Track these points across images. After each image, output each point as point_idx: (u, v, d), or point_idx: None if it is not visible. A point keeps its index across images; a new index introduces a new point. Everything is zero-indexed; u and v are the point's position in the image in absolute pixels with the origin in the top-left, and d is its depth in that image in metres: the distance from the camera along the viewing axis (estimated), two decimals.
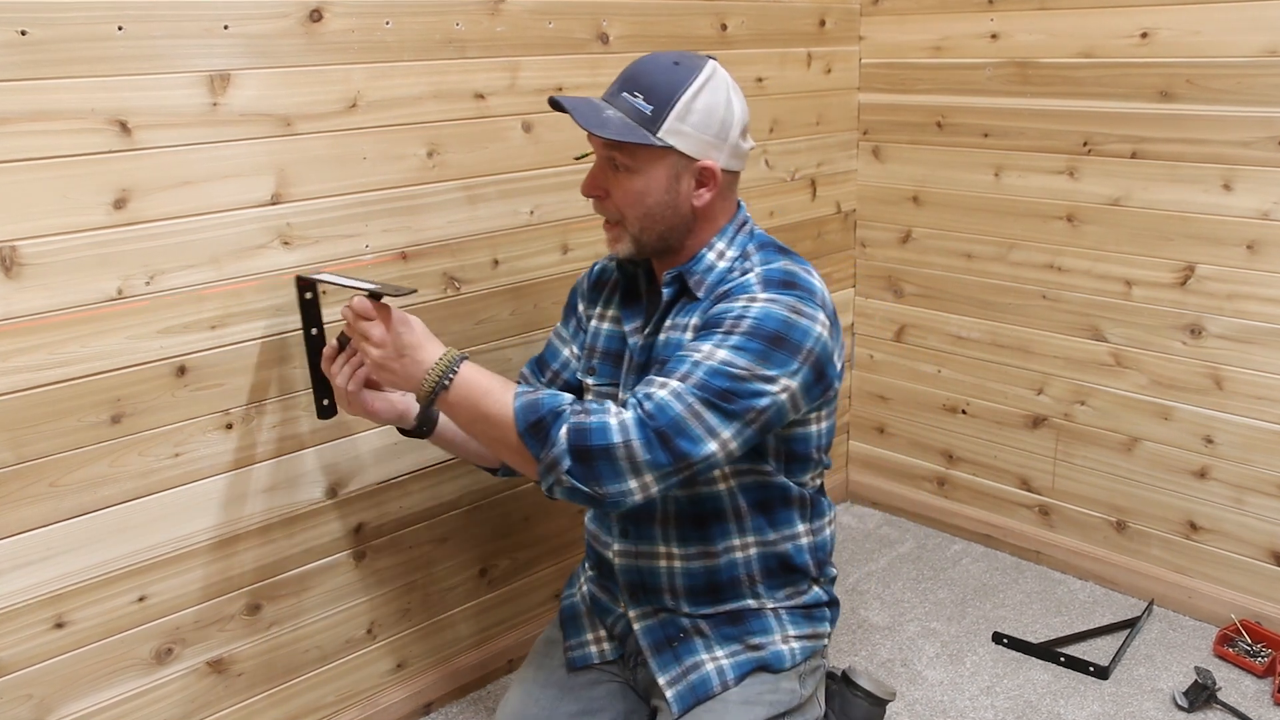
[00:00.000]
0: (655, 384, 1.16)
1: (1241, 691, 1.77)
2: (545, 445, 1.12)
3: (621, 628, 1.41)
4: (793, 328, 1.18)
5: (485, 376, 1.18)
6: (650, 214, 1.24)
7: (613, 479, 1.12)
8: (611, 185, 1.25)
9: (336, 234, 1.47)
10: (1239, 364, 1.86)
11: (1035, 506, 2.21)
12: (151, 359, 1.33)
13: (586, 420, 1.12)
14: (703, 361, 1.15)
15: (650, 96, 1.20)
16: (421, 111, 1.52)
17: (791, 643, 1.35)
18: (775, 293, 1.20)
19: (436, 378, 1.16)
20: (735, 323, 1.18)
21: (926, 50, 2.14)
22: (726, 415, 1.14)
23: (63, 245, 1.23)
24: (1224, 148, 1.79)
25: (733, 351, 1.15)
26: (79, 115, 1.21)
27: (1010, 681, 1.82)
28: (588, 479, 1.12)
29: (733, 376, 1.15)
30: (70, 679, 1.34)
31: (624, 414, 1.13)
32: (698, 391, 1.14)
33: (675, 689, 1.32)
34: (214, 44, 1.30)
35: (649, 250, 1.28)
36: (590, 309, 1.44)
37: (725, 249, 1.29)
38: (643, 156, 1.22)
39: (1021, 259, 2.10)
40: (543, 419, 1.13)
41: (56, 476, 1.28)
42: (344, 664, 1.64)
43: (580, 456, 1.11)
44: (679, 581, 1.34)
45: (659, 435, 1.12)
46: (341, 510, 1.58)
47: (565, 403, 1.15)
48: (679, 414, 1.13)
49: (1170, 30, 1.80)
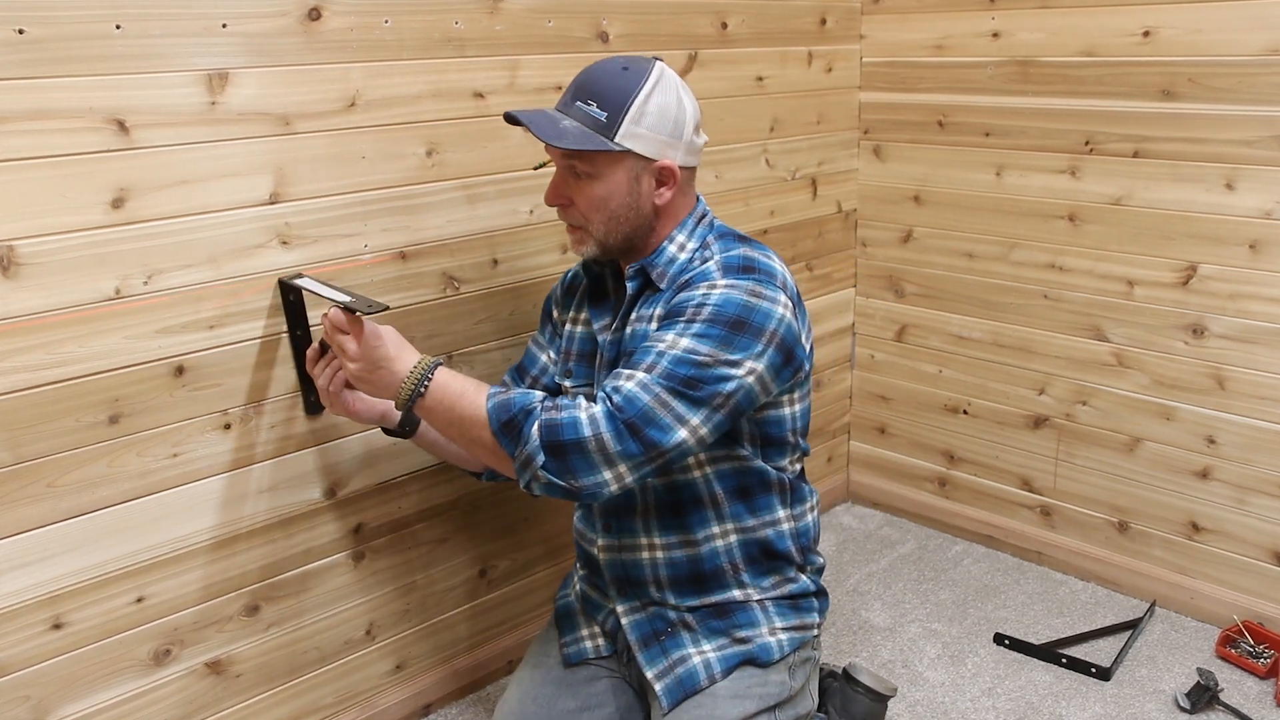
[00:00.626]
0: (623, 376, 1.19)
1: (1244, 693, 1.76)
2: (519, 442, 1.16)
3: (612, 624, 1.42)
4: (753, 311, 1.21)
5: (459, 381, 1.22)
6: (614, 216, 1.28)
7: (586, 471, 1.15)
8: (574, 193, 1.28)
9: (335, 233, 1.47)
10: (1241, 364, 1.86)
11: (1037, 507, 2.21)
12: (149, 359, 1.33)
13: (557, 416, 1.15)
14: (667, 351, 1.18)
15: (604, 103, 1.23)
16: (420, 110, 1.51)
17: (779, 634, 1.36)
18: (734, 278, 1.23)
19: (412, 386, 1.20)
20: (696, 310, 1.21)
21: (928, 49, 2.14)
22: (694, 402, 1.17)
23: (60, 245, 1.23)
24: (1226, 147, 1.78)
25: (695, 339, 1.19)
26: (77, 114, 1.21)
27: (1012, 683, 1.82)
28: (562, 473, 1.16)
29: (697, 364, 1.17)
30: (68, 680, 1.34)
31: (593, 408, 1.16)
32: (664, 381, 1.17)
33: (663, 683, 1.33)
34: (212, 43, 1.30)
35: (614, 251, 1.31)
36: (564, 314, 1.47)
37: (685, 241, 1.32)
38: (602, 162, 1.25)
39: (1023, 258, 2.10)
40: (515, 417, 1.17)
41: (54, 477, 1.28)
42: (343, 665, 1.64)
43: (553, 451, 1.15)
44: (662, 572, 1.36)
45: (629, 426, 1.15)
46: (340, 511, 1.58)
47: (536, 400, 1.18)
48: (647, 404, 1.16)
49: (1172, 29, 1.80)
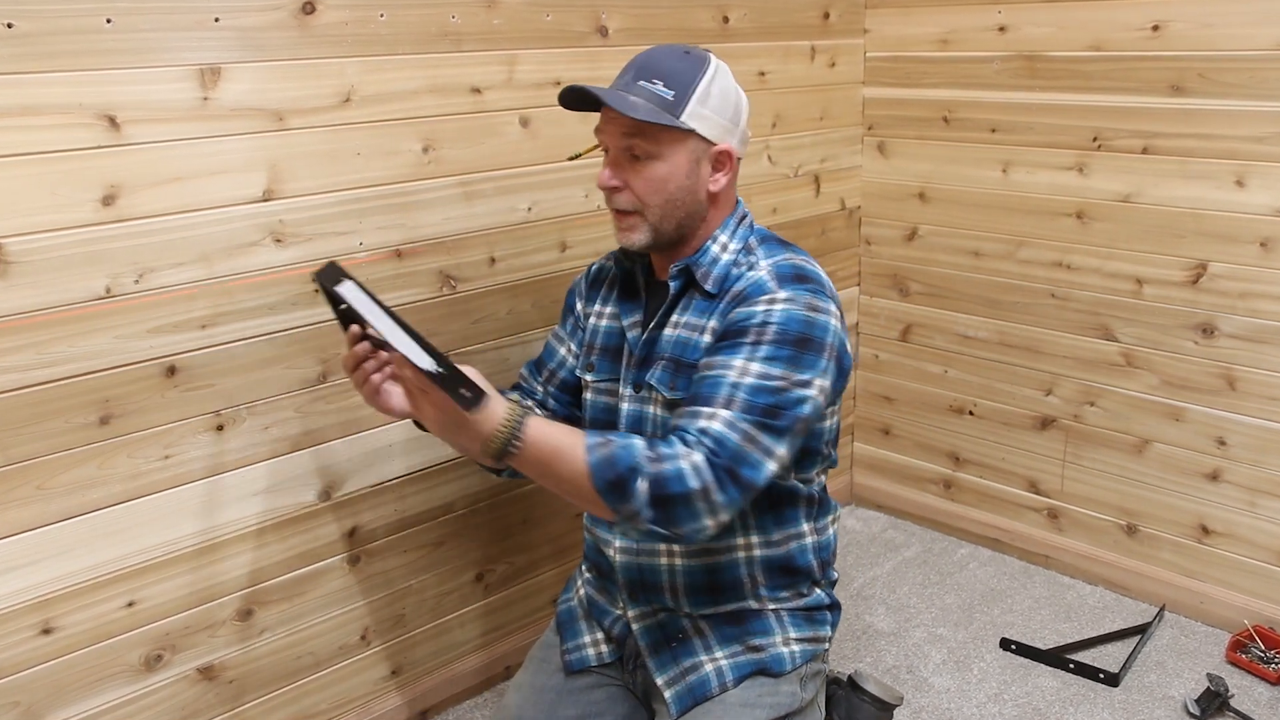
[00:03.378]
0: (703, 415, 1.16)
1: (1255, 699, 1.75)
2: (626, 500, 1.13)
3: (620, 629, 1.40)
4: (814, 326, 1.21)
5: (550, 433, 1.14)
6: (671, 200, 1.26)
7: (689, 520, 1.14)
8: (630, 175, 1.26)
9: (329, 231, 1.46)
10: (1252, 364, 1.85)
11: (1044, 509, 2.20)
12: (141, 359, 1.32)
13: (663, 469, 1.12)
14: (741, 381, 1.17)
15: (670, 82, 1.22)
16: (417, 106, 1.50)
17: (792, 645, 1.35)
18: (791, 289, 1.23)
19: (500, 444, 1.11)
20: (761, 330, 1.20)
21: (933, 43, 2.13)
22: (778, 433, 1.17)
23: (50, 242, 1.22)
24: (1237, 143, 1.77)
25: (765, 364, 1.18)
26: (67, 110, 1.20)
27: (1018, 688, 1.80)
28: (666, 523, 1.14)
29: (773, 390, 1.17)
30: (58, 686, 1.33)
31: (694, 455, 1.14)
32: (746, 416, 1.16)
33: (673, 690, 1.32)
34: (204, 37, 1.29)
35: (665, 240, 1.29)
36: (588, 307, 1.45)
37: (728, 241, 1.31)
38: (666, 140, 1.23)
39: (1030, 257, 2.08)
40: (621, 476, 1.12)
41: (44, 479, 1.27)
42: (338, 670, 1.63)
43: (660, 505, 1.13)
44: (680, 580, 1.34)
45: (728, 472, 1.14)
46: (336, 513, 1.56)
47: (639, 454, 1.13)
48: (737, 444, 1.15)
49: (1182, 23, 1.79)
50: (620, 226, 1.29)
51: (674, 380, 1.28)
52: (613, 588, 1.41)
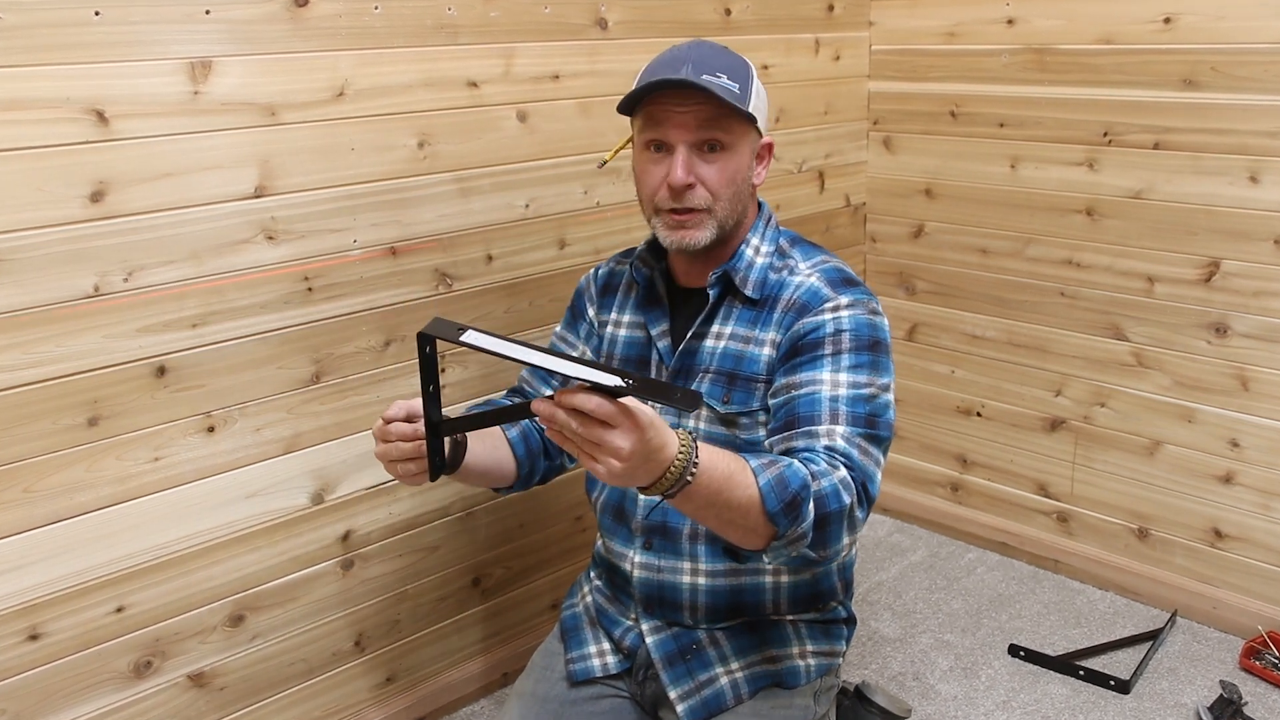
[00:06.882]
0: (820, 434, 1.15)
1: (1269, 706, 1.73)
2: (796, 521, 1.07)
3: (632, 640, 1.38)
4: (879, 329, 1.24)
5: (719, 459, 1.04)
6: (738, 194, 1.26)
7: (837, 540, 1.12)
8: (701, 171, 1.24)
9: (323, 228, 1.44)
10: (1266, 364, 1.83)
11: (1053, 513, 2.18)
12: (130, 359, 1.30)
13: (822, 486, 1.10)
14: (838, 394, 1.18)
15: (732, 75, 1.22)
16: (412, 100, 1.49)
17: (809, 659, 1.35)
18: (850, 294, 1.25)
19: (677, 475, 0.99)
20: (836, 340, 1.21)
21: (939, 36, 2.12)
22: (880, 441, 1.19)
23: (37, 240, 1.21)
24: (1250, 138, 1.76)
25: (851, 372, 1.20)
26: (54, 104, 1.19)
27: (1027, 696, 1.79)
28: (821, 544, 1.10)
29: (866, 399, 1.19)
30: (45, 693, 1.31)
31: (841, 472, 1.12)
32: (855, 428, 1.17)
33: (687, 703, 1.31)
34: (195, 30, 1.28)
35: (722, 237, 1.28)
36: (602, 315, 1.42)
37: (760, 244, 1.32)
38: (738, 131, 1.24)
39: (1039, 254, 2.07)
40: (796, 496, 1.06)
41: (31, 481, 1.26)
42: (331, 678, 1.61)
43: (820, 524, 1.09)
44: (701, 599, 1.33)
45: (862, 488, 1.14)
46: (328, 517, 1.55)
47: (803, 473, 1.08)
48: (860, 460, 1.15)
49: (1194, 15, 1.78)
50: (683, 225, 1.23)
51: (728, 393, 1.26)
52: (626, 599, 1.39)
